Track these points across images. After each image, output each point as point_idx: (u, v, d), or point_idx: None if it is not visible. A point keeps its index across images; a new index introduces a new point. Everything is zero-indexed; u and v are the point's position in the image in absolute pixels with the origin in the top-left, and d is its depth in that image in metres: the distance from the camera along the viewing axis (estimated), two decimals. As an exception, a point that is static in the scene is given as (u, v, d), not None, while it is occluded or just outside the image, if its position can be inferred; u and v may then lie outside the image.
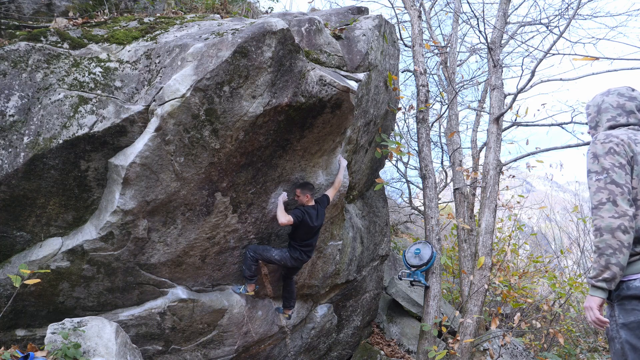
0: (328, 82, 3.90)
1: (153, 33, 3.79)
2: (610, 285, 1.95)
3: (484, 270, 5.56)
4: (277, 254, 4.21)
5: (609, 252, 1.92)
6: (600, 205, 1.97)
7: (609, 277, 1.94)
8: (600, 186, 2.01)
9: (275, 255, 4.20)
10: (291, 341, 5.23)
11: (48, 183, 3.20)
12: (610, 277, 1.93)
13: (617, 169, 2.00)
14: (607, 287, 1.96)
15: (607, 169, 2.02)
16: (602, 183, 2.01)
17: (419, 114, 6.17)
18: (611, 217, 1.93)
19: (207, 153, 3.47)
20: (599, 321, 1.99)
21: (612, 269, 1.92)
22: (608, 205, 1.95)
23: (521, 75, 7.66)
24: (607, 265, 1.93)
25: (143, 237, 3.54)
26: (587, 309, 2.02)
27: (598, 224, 1.96)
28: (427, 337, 5.38)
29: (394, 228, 11.04)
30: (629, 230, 1.91)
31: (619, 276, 1.94)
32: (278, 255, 4.20)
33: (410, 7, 6.65)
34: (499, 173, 6.05)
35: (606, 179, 2.00)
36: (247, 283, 4.34)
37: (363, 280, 6.10)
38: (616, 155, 2.03)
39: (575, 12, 5.62)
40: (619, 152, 2.04)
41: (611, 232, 1.92)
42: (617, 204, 1.94)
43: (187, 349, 4.26)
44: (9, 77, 3.11)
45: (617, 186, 1.97)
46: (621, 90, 2.34)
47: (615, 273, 1.92)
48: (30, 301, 3.40)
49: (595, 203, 2.00)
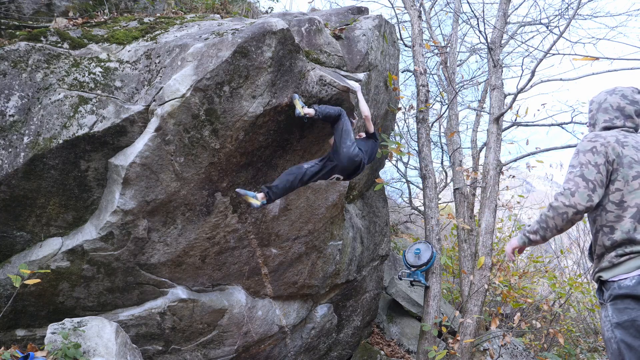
0: (328, 82, 3.90)
1: (153, 33, 3.79)
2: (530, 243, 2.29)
3: (484, 270, 5.56)
4: None
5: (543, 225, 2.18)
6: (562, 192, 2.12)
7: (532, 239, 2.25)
8: (570, 177, 2.13)
9: None
10: (291, 341, 5.23)
11: (48, 183, 3.20)
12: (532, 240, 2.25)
13: (590, 166, 2.09)
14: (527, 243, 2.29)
15: (582, 164, 2.12)
16: (572, 175, 2.13)
17: (419, 114, 6.17)
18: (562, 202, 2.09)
19: (207, 153, 3.47)
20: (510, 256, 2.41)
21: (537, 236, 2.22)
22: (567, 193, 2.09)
23: (521, 75, 7.65)
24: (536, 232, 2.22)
25: (143, 237, 3.54)
26: (509, 244, 2.40)
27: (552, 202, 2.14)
28: (427, 337, 5.38)
29: (394, 228, 11.03)
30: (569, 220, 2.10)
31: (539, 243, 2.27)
32: None
33: (410, 7, 6.65)
34: (499, 173, 6.05)
35: (577, 172, 2.11)
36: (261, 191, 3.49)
37: (363, 280, 6.10)
38: (595, 154, 2.11)
39: (575, 12, 5.62)
40: (600, 152, 2.11)
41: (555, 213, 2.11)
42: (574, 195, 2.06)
43: (187, 349, 4.26)
44: (9, 77, 3.11)
45: (583, 180, 2.07)
46: (626, 92, 2.34)
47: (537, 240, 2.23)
48: (30, 301, 3.40)
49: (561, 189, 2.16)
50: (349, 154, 3.66)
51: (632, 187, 2.07)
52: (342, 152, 3.65)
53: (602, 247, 2.12)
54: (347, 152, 3.65)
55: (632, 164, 2.09)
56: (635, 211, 2.04)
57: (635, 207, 2.05)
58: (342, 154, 3.66)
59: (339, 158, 3.68)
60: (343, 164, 3.69)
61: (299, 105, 3.55)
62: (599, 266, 2.15)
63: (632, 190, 2.07)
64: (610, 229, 2.08)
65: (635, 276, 1.95)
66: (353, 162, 3.71)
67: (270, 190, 3.49)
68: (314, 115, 3.59)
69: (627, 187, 2.08)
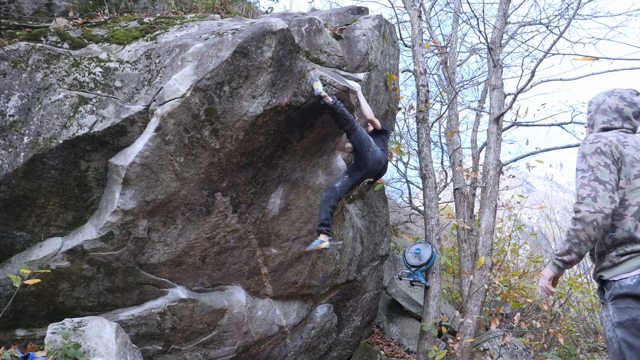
0: (328, 82, 3.90)
1: (153, 33, 3.79)
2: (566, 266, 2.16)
3: (484, 270, 5.56)
4: None
5: (574, 241, 2.07)
6: (581, 200, 2.07)
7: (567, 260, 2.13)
8: (585, 183, 2.10)
9: None
10: (291, 341, 5.23)
11: (48, 183, 3.20)
12: (567, 261, 2.13)
13: (602, 167, 2.08)
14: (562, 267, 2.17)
15: (593, 167, 2.10)
16: (586, 180, 2.10)
17: (419, 114, 6.17)
18: (588, 211, 2.03)
19: (207, 153, 3.47)
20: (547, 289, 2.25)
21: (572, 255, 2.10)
22: (588, 200, 2.05)
23: (521, 75, 7.66)
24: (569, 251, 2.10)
25: (143, 237, 3.54)
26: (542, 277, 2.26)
27: (576, 215, 2.08)
28: (427, 337, 5.38)
29: (394, 228, 11.03)
30: (600, 227, 2.02)
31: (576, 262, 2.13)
32: None
33: (410, 7, 6.65)
34: (499, 173, 6.05)
35: (590, 176, 2.09)
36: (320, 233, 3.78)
37: (363, 280, 6.10)
38: (602, 155, 2.11)
39: (575, 12, 5.62)
40: (605, 152, 2.11)
41: (584, 225, 2.04)
42: (596, 200, 2.03)
43: (187, 349, 4.26)
44: (9, 77, 3.11)
45: (600, 183, 2.05)
46: (624, 93, 2.35)
47: (573, 259, 2.11)
48: (30, 301, 3.40)
49: (578, 197, 2.11)
50: (374, 160, 3.87)
51: (633, 186, 2.08)
52: (368, 159, 3.86)
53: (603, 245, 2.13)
54: (373, 158, 3.86)
55: (633, 163, 2.10)
56: (637, 209, 2.04)
57: (636, 206, 2.05)
58: (368, 161, 3.86)
59: (366, 166, 3.89)
60: (371, 169, 3.92)
61: (320, 85, 3.63)
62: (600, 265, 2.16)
63: (633, 189, 2.07)
64: (612, 228, 2.09)
65: (636, 275, 1.96)
66: (380, 164, 3.93)
67: (325, 227, 3.81)
68: (330, 103, 3.65)
69: (629, 185, 2.08)
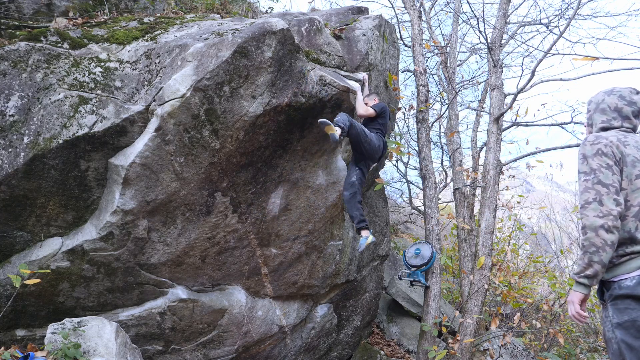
0: (328, 82, 3.90)
1: (153, 33, 3.79)
2: (592, 282, 2.00)
3: (484, 270, 5.56)
4: None
5: (592, 250, 1.97)
6: (587, 205, 2.02)
7: (590, 274, 1.99)
8: (588, 186, 2.06)
9: None
10: (291, 341, 5.23)
11: (48, 183, 3.20)
12: (592, 274, 1.99)
13: (604, 169, 2.05)
14: (589, 284, 2.01)
15: (595, 169, 2.07)
16: (589, 183, 2.06)
17: (419, 114, 6.17)
18: (595, 216, 1.98)
19: (207, 153, 3.47)
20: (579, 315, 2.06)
21: (594, 267, 1.97)
22: (594, 205, 2.00)
23: (521, 75, 7.65)
24: (590, 263, 1.98)
25: (143, 237, 3.54)
26: (569, 303, 2.09)
27: (584, 222, 2.01)
28: (427, 337, 5.38)
29: (394, 228, 11.03)
30: (612, 229, 1.95)
31: (601, 273, 1.98)
32: None
33: (410, 7, 6.65)
34: (499, 173, 6.05)
35: (593, 179, 2.05)
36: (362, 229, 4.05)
37: (363, 280, 6.10)
38: (604, 156, 2.08)
39: (575, 12, 5.62)
40: (607, 153, 2.08)
41: (595, 230, 1.97)
42: (602, 204, 1.98)
43: (187, 349, 4.26)
44: (9, 77, 3.12)
45: (603, 186, 2.02)
46: (624, 92, 2.33)
47: (597, 270, 1.97)
48: (30, 301, 3.40)
49: (582, 202, 2.06)
50: (373, 147, 4.10)
51: (635, 186, 2.06)
52: (366, 149, 4.07)
53: None
54: (371, 146, 4.08)
55: (635, 163, 2.08)
56: (638, 210, 2.03)
57: (637, 206, 2.03)
58: (367, 150, 4.09)
59: (369, 153, 4.14)
60: (372, 154, 4.17)
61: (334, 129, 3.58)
62: None
63: (635, 189, 2.05)
64: None
65: (636, 276, 1.95)
66: (379, 149, 4.18)
67: (364, 223, 4.06)
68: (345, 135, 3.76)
69: (631, 186, 2.07)
